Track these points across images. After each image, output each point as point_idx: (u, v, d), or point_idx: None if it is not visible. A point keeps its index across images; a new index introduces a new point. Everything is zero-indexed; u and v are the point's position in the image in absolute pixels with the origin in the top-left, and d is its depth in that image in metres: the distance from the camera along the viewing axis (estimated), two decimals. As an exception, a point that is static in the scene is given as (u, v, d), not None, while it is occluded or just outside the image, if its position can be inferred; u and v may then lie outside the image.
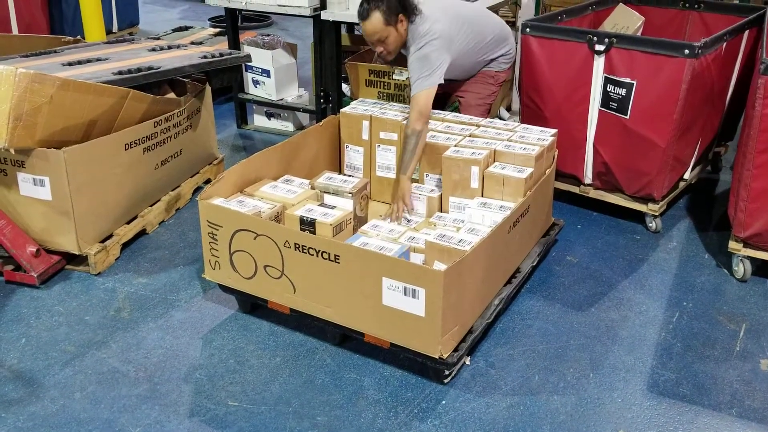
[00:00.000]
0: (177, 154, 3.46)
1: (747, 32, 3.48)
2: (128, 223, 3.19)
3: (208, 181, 3.79)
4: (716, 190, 3.83)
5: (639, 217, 3.39)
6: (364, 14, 3.06)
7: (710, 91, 3.26)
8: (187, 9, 8.56)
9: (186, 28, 5.89)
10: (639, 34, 3.88)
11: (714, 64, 3.16)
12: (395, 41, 3.11)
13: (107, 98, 2.95)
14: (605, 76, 3.20)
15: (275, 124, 4.69)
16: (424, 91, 2.99)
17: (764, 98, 2.69)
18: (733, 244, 2.94)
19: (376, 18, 3.02)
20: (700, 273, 3.00)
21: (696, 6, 4.03)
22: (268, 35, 4.83)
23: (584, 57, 3.24)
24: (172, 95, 3.40)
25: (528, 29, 3.39)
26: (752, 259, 2.93)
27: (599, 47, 3.18)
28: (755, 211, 2.82)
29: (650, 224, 3.34)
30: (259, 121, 4.74)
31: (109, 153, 3.00)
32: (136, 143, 3.12)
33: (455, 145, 2.92)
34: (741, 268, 2.94)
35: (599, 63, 3.20)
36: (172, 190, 3.47)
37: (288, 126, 4.66)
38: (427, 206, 2.95)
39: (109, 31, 6.55)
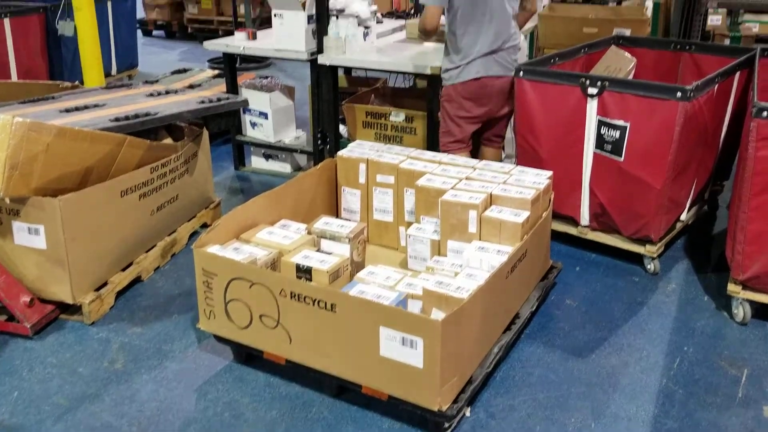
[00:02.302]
0: (173, 199, 3.46)
1: (738, 73, 3.51)
2: (123, 270, 3.16)
3: (204, 226, 3.78)
4: (713, 230, 3.83)
5: (637, 259, 3.38)
6: None
7: (703, 132, 3.28)
8: (187, 51, 8.66)
9: (185, 71, 5.95)
10: (631, 75, 3.92)
11: (706, 106, 3.18)
12: None
13: (104, 145, 2.96)
14: (599, 119, 3.22)
15: (273, 165, 4.71)
16: (426, 8, 3.47)
17: (757, 141, 2.71)
18: (731, 287, 2.93)
19: None
20: (700, 316, 2.98)
21: (687, 47, 4.08)
22: (267, 77, 4.88)
23: (577, 100, 3.26)
24: (169, 140, 3.41)
25: (522, 73, 3.42)
26: (752, 302, 2.91)
27: (592, 90, 3.20)
28: (753, 254, 2.82)
29: (648, 266, 3.32)
30: (257, 162, 4.76)
31: (104, 200, 3.00)
32: (132, 190, 3.12)
33: (452, 188, 2.92)
34: (741, 311, 2.92)
35: (592, 106, 3.23)
36: (168, 236, 3.46)
37: (285, 167, 4.68)
38: (430, 248, 2.94)
39: (108, 74, 6.62)
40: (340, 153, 3.34)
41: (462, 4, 3.39)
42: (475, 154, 3.80)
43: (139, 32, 9.45)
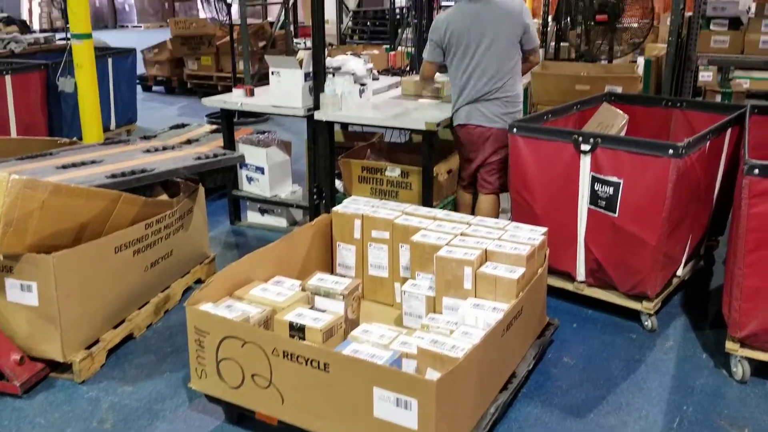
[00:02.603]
0: (167, 255, 3.45)
1: (729, 130, 3.56)
2: (115, 327, 3.13)
3: (199, 281, 3.76)
4: (710, 285, 3.81)
5: (635, 315, 3.35)
6: None
7: (697, 188, 3.30)
8: (186, 106, 8.77)
9: (183, 126, 6.01)
10: (623, 132, 3.97)
11: (699, 163, 3.21)
12: None
13: (99, 202, 2.97)
14: (592, 175, 3.25)
15: (268, 220, 4.71)
16: (424, 61, 3.99)
17: (749, 198, 2.72)
18: (730, 344, 2.90)
19: None
20: (699, 374, 2.94)
21: (678, 104, 4.14)
22: (264, 132, 4.93)
23: (571, 156, 3.29)
24: (164, 196, 3.42)
25: (515, 129, 3.46)
26: (751, 360, 2.88)
27: (585, 147, 3.24)
28: (749, 311, 2.80)
29: (646, 323, 3.30)
30: (253, 217, 4.76)
31: (98, 257, 2.98)
32: (126, 246, 3.12)
33: (447, 244, 2.91)
34: (740, 369, 2.88)
35: (585, 162, 3.26)
36: (161, 292, 3.44)
37: (281, 222, 4.68)
38: (425, 305, 2.92)
39: (107, 129, 6.70)
40: (335, 209, 3.35)
41: (451, 57, 3.79)
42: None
43: (138, 88, 9.63)
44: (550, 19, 8.55)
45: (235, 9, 7.92)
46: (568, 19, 7.21)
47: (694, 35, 5.55)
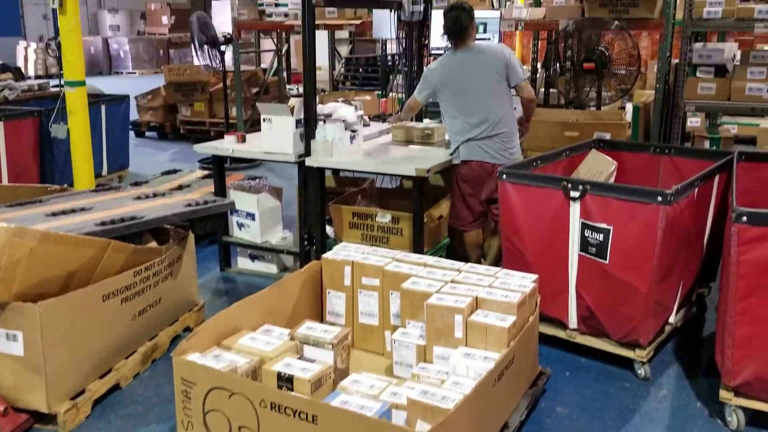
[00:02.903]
0: (156, 303, 3.41)
1: (717, 176, 3.59)
2: (102, 377, 3.08)
3: (187, 329, 3.72)
4: (703, 332, 3.79)
5: (628, 363, 3.32)
6: None
7: (686, 235, 3.31)
8: (178, 152, 8.80)
9: (174, 172, 6.03)
10: (612, 178, 4.00)
11: (688, 209, 3.22)
12: None
13: (88, 250, 2.95)
14: (582, 222, 3.26)
15: (259, 266, 4.69)
16: (412, 96, 4.26)
17: (739, 245, 2.73)
18: (723, 393, 2.86)
19: None
20: (693, 424, 2.91)
21: (666, 151, 4.18)
22: (255, 178, 4.94)
23: (560, 203, 3.31)
24: (153, 244, 3.40)
25: (505, 176, 3.48)
26: (745, 409, 2.84)
27: (574, 194, 3.25)
28: (742, 359, 2.78)
29: (639, 371, 3.27)
30: (243, 263, 4.74)
31: (86, 305, 2.95)
32: (114, 294, 3.09)
33: (437, 292, 2.90)
34: (734, 419, 2.85)
35: (575, 209, 3.27)
36: (149, 341, 3.39)
37: (272, 268, 4.65)
38: (416, 354, 2.88)
39: (98, 175, 6.69)
40: (325, 255, 3.33)
41: (443, 98, 4.02)
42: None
43: (132, 133, 9.67)
44: (539, 66, 8.70)
45: (228, 56, 8.04)
46: (557, 66, 7.33)
47: (681, 82, 5.64)
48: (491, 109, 3.94)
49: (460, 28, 3.96)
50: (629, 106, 6.49)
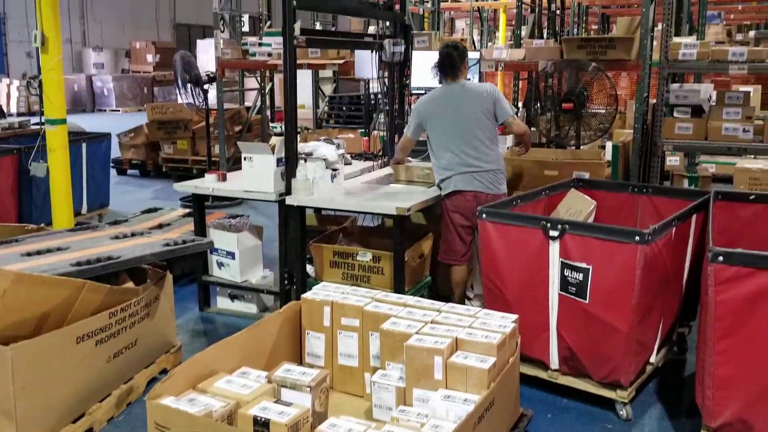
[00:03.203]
0: (132, 345, 3.35)
1: (695, 216, 3.62)
2: (74, 421, 3.00)
3: (164, 371, 3.65)
4: (684, 372, 3.78)
5: (610, 404, 3.30)
6: None
7: (665, 274, 3.32)
8: (160, 189, 8.76)
9: (155, 210, 5.98)
10: (591, 217, 4.02)
11: (666, 249, 3.24)
12: None
13: (62, 290, 2.91)
14: (562, 261, 3.26)
15: (238, 306, 4.64)
16: (404, 135, 4.38)
17: (715, 285, 2.74)
18: (705, 434, 2.85)
19: None
20: (676, 465, 2.88)
21: (644, 190, 4.22)
22: (236, 216, 4.92)
23: (540, 242, 3.31)
24: (130, 284, 3.36)
25: (484, 215, 3.49)
26: (727, 450, 2.83)
27: (553, 233, 3.26)
28: (722, 400, 2.77)
29: (621, 412, 3.24)
30: (222, 303, 4.68)
31: (59, 347, 2.89)
32: (88, 336, 3.03)
33: (417, 333, 2.87)
34: (716, 460, 2.83)
35: (555, 248, 3.28)
36: (124, 383, 3.32)
37: (251, 308, 4.60)
38: (396, 397, 2.84)
39: (78, 213, 6.62)
40: (304, 295, 3.30)
41: (434, 129, 4.13)
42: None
43: (113, 171, 9.62)
44: (520, 105, 8.82)
45: (212, 94, 8.08)
46: (538, 105, 7.43)
47: (659, 122, 5.73)
48: (483, 143, 4.08)
49: (453, 63, 4.14)
50: (609, 145, 6.57)
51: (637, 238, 3.02)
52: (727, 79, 11.12)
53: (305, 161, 4.16)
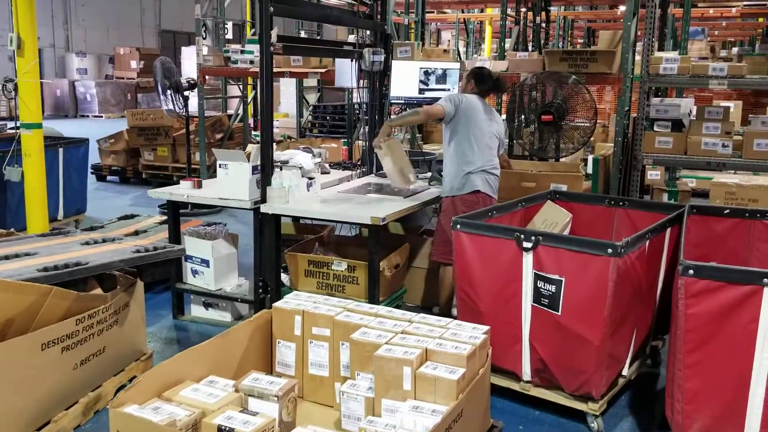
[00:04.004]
0: (99, 352, 3.30)
1: (669, 229, 3.63)
2: (39, 429, 2.94)
3: (133, 379, 3.59)
4: (657, 385, 3.78)
5: (581, 416, 3.29)
6: None
7: (638, 287, 3.33)
8: (139, 196, 8.69)
9: (131, 217, 5.93)
10: (567, 230, 4.03)
11: (639, 261, 3.24)
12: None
13: (27, 296, 2.85)
14: (535, 272, 3.25)
15: (212, 314, 4.59)
16: (436, 104, 4.16)
17: (686, 298, 2.74)
18: (674, 448, 2.84)
19: None
20: (645, 479, 2.87)
21: (621, 203, 4.23)
22: (213, 224, 4.87)
23: (513, 253, 3.31)
24: (98, 291, 3.30)
25: (459, 226, 3.47)
26: (696, 464, 2.82)
27: (527, 244, 3.26)
28: (692, 413, 2.77)
29: (592, 424, 3.23)
30: (197, 311, 4.63)
31: (23, 354, 2.84)
32: (54, 342, 2.97)
33: (386, 343, 2.85)
34: (685, 474, 2.82)
35: (528, 259, 3.27)
36: (92, 391, 3.26)
37: (226, 316, 4.56)
38: (364, 407, 2.81)
39: (54, 219, 6.55)
40: (275, 304, 3.27)
41: (465, 123, 4.10)
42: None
43: (93, 177, 9.54)
44: (504, 117, 8.84)
45: (195, 101, 8.04)
46: (522, 117, 7.46)
47: (639, 136, 5.76)
48: (495, 156, 4.28)
49: (498, 88, 4.43)
50: (591, 158, 6.59)
51: (610, 250, 3.02)
52: (710, 95, 11.24)
53: (281, 169, 4.14)
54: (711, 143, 5.64)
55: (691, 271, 2.72)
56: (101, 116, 19.25)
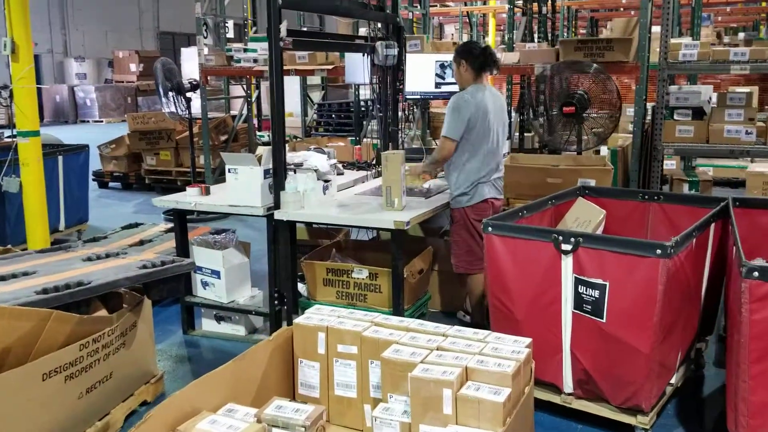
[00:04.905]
0: (106, 378, 3.06)
1: (713, 224, 3.38)
2: (43, 465, 2.71)
3: (144, 403, 3.37)
4: (703, 391, 3.53)
5: (629, 430, 3.04)
6: None
7: (687, 288, 3.08)
8: (142, 203, 8.45)
9: (136, 225, 5.68)
10: (601, 227, 3.77)
11: (687, 261, 3.00)
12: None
13: (25, 322, 2.62)
14: (575, 277, 3.00)
15: (225, 328, 4.34)
16: (443, 139, 3.91)
17: (750, 303, 2.49)
18: (741, 466, 2.59)
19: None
20: (709, 502, 2.62)
21: (656, 198, 3.97)
22: (223, 231, 4.63)
23: (551, 256, 3.06)
24: (103, 312, 3.06)
25: (490, 228, 3.22)
26: (765, 484, 2.57)
27: (566, 246, 3.01)
28: (758, 428, 2.52)
29: (642, 440, 2.99)
30: (208, 325, 4.39)
31: (23, 386, 2.60)
32: (56, 371, 2.73)
33: (422, 361, 2.59)
34: (754, 496, 2.57)
35: (567, 263, 3.02)
36: (99, 420, 3.03)
37: (239, 330, 4.31)
38: (400, 433, 2.57)
39: (55, 230, 6.33)
40: (296, 320, 3.02)
41: (472, 133, 3.86)
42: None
43: (94, 184, 9.32)
44: (512, 110, 8.60)
45: (198, 103, 7.80)
46: (531, 109, 7.21)
47: (659, 125, 5.52)
48: (501, 152, 4.07)
49: (495, 59, 4.02)
50: (604, 150, 6.35)
51: (659, 251, 2.76)
52: (718, 81, 10.98)
53: (295, 172, 3.89)
54: (734, 130, 5.43)
55: (755, 273, 2.47)
56: (102, 121, 19.02)
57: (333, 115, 10.62)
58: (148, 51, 21.60)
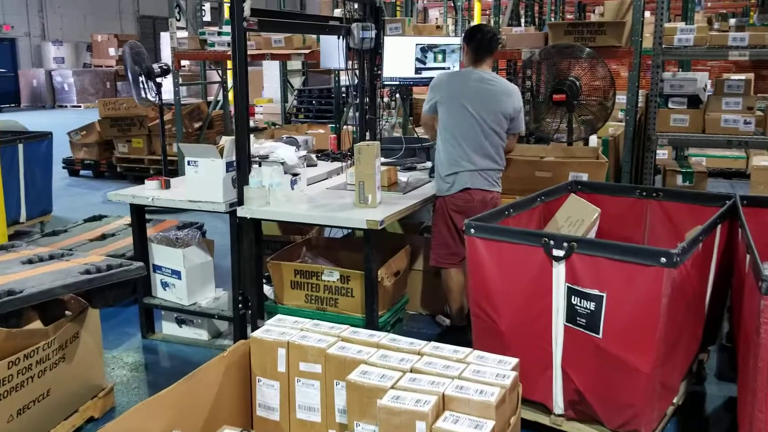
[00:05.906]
0: (43, 396, 2.72)
1: (719, 226, 3.07)
2: (-40, 503, 2.38)
3: (90, 420, 3.04)
4: (705, 408, 3.23)
5: (625, 455, 2.74)
6: None
7: (692, 299, 2.78)
8: (113, 191, 8.01)
9: (100, 218, 5.32)
10: (595, 227, 3.46)
11: (693, 269, 2.69)
12: None
13: (-61, 340, 2.27)
14: (568, 286, 2.69)
15: (187, 332, 4.00)
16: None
17: (769, 322, 2.18)
18: (755, 506, 2.30)
19: None
20: None
21: (654, 195, 3.66)
22: (187, 226, 4.29)
23: (541, 263, 2.74)
24: (37, 324, 2.71)
25: (473, 230, 2.90)
26: None
27: (558, 252, 2.69)
28: (778, 464, 2.22)
29: (641, 468, 2.69)
30: (169, 328, 4.04)
31: (-66, 413, 2.26)
32: (-23, 394, 2.39)
33: (393, 386, 2.27)
34: None
35: (559, 270, 2.70)
36: (35, 444, 2.69)
37: (202, 335, 3.97)
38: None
39: (16, 221, 5.98)
40: (254, 334, 2.68)
41: (445, 114, 3.69)
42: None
43: (65, 172, 8.91)
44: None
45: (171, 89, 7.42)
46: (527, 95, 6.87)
47: (653, 114, 5.22)
48: (491, 143, 3.70)
49: (494, 46, 3.78)
50: (593, 140, 6.04)
51: (663, 259, 2.45)
52: (708, 68, 10.71)
53: (260, 165, 3.53)
54: (732, 120, 5.16)
55: (775, 289, 2.16)
56: (80, 106, 18.50)
57: (314, 102, 10.26)
58: (127, 35, 20.99)
